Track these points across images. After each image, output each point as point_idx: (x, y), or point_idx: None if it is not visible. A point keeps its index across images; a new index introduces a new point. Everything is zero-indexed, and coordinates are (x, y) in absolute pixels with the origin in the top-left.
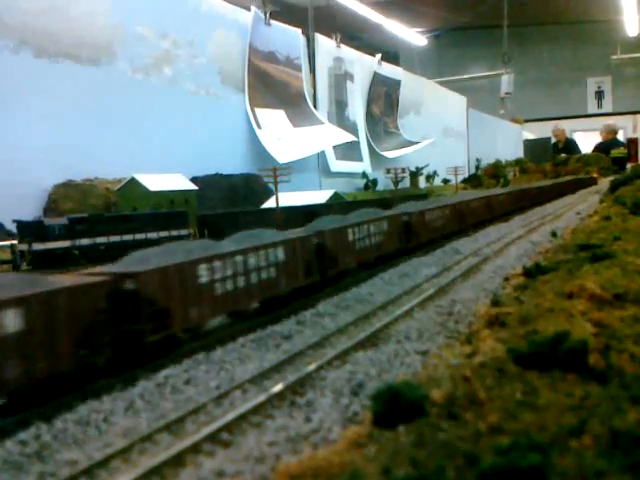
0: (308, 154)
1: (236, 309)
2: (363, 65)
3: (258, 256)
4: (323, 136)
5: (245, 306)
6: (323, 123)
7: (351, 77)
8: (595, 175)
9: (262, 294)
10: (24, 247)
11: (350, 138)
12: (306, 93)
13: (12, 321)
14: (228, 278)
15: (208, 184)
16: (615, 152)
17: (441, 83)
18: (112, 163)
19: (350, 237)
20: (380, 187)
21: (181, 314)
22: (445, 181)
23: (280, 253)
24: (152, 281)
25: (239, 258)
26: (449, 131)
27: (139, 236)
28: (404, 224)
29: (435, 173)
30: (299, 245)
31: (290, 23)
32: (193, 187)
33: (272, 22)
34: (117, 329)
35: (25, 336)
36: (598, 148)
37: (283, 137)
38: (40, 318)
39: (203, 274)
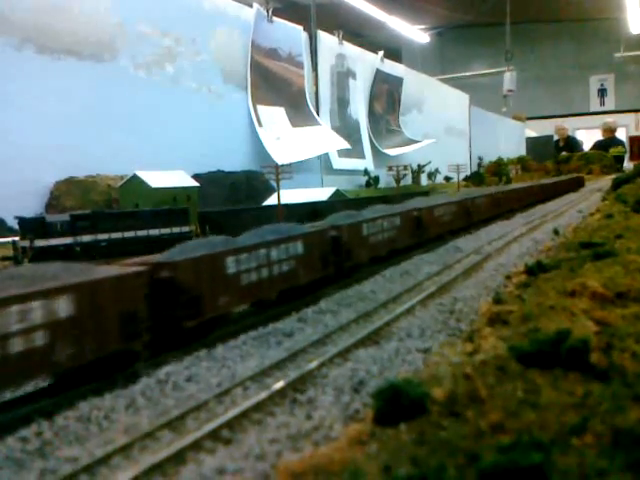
0: (305, 157)
1: (260, 298)
2: (365, 62)
3: (279, 249)
4: (320, 140)
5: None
6: (320, 124)
7: (353, 74)
8: (583, 174)
9: (282, 285)
10: (26, 243)
11: (345, 145)
12: (306, 91)
13: (64, 307)
14: (253, 270)
15: (210, 181)
16: (613, 150)
17: (443, 80)
18: (114, 160)
19: (364, 232)
20: (382, 184)
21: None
22: (447, 179)
23: (299, 247)
24: (186, 270)
25: (262, 251)
26: (451, 129)
27: (141, 233)
28: (415, 219)
29: (437, 171)
30: (317, 239)
31: (292, 20)
32: (195, 184)
33: (274, 19)
34: (156, 315)
35: (75, 321)
36: (596, 146)
37: (282, 137)
38: (88, 305)
39: (230, 265)
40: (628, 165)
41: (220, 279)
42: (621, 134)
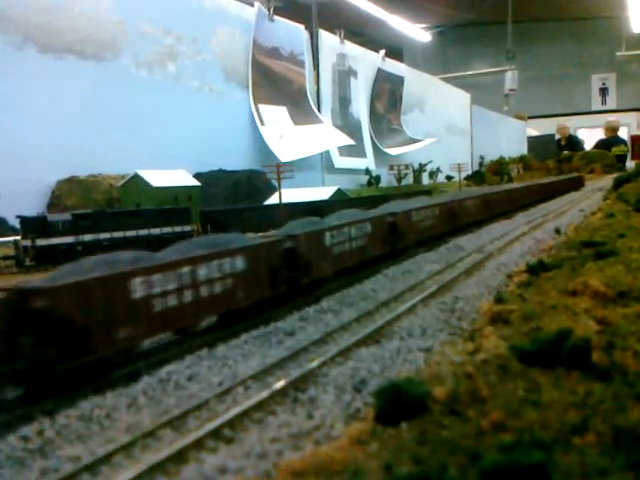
0: (308, 154)
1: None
2: (367, 61)
3: (210, 266)
4: (323, 137)
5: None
6: (322, 122)
7: (355, 73)
8: (584, 174)
9: (216, 308)
10: (27, 243)
11: (348, 141)
12: (308, 90)
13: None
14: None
15: (211, 180)
16: (616, 149)
17: (445, 79)
18: (115, 159)
19: (327, 241)
20: (383, 183)
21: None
22: (448, 178)
23: (239, 262)
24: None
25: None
26: (453, 128)
27: (142, 232)
28: (389, 225)
29: (438, 170)
30: (264, 252)
31: (293, 19)
32: (196, 183)
33: (276, 18)
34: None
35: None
36: (599, 145)
37: (284, 135)
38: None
39: (138, 289)
40: (630, 164)
41: (118, 305)
42: (623, 133)
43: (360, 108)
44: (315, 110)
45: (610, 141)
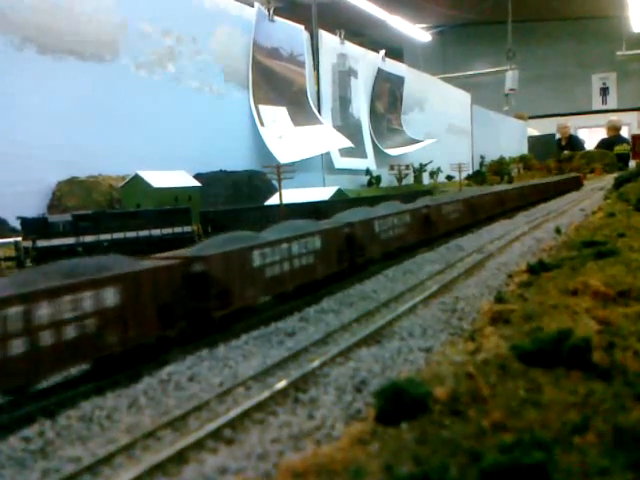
0: (308, 156)
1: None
2: (367, 61)
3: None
4: (322, 138)
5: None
6: (322, 123)
7: (355, 74)
8: (583, 174)
9: None
10: (28, 244)
11: (347, 144)
12: (308, 91)
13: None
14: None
15: (211, 181)
16: (618, 148)
17: (445, 79)
18: (116, 160)
19: (255, 262)
20: (384, 184)
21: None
22: (449, 178)
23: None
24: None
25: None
26: (453, 128)
27: (142, 233)
28: (346, 237)
29: (439, 170)
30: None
31: (294, 19)
32: (196, 184)
33: (276, 18)
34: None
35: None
36: (602, 144)
37: (284, 136)
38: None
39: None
40: (632, 163)
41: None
42: (623, 132)
43: (360, 108)
44: (315, 111)
45: (612, 140)
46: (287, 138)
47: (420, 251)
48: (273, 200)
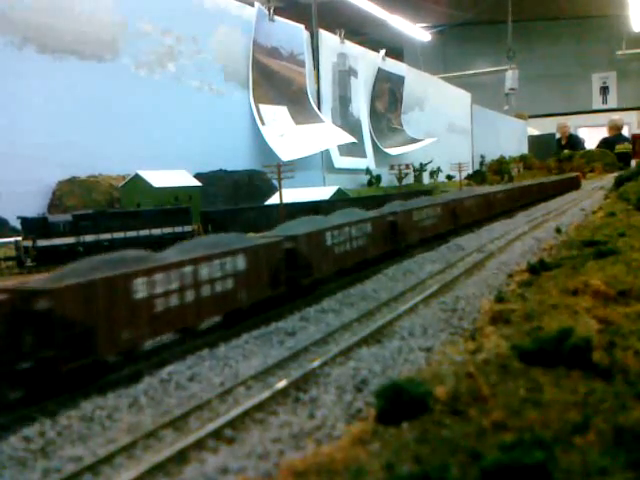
0: (310, 153)
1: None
2: (367, 61)
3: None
4: (324, 135)
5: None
6: (324, 121)
7: (355, 73)
8: (580, 173)
9: None
10: (28, 243)
11: (350, 139)
12: (308, 90)
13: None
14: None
15: (212, 180)
16: (620, 148)
17: (445, 79)
18: (116, 159)
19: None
20: (384, 183)
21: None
22: (449, 177)
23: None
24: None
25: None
26: (453, 127)
27: (143, 232)
28: (286, 253)
29: (439, 169)
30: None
31: (294, 19)
32: (197, 183)
33: (276, 18)
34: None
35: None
36: (603, 143)
37: (285, 134)
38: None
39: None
40: (633, 163)
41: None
42: (623, 132)
43: (360, 108)
44: (316, 109)
45: (614, 139)
46: (289, 136)
47: (420, 251)
48: (273, 200)
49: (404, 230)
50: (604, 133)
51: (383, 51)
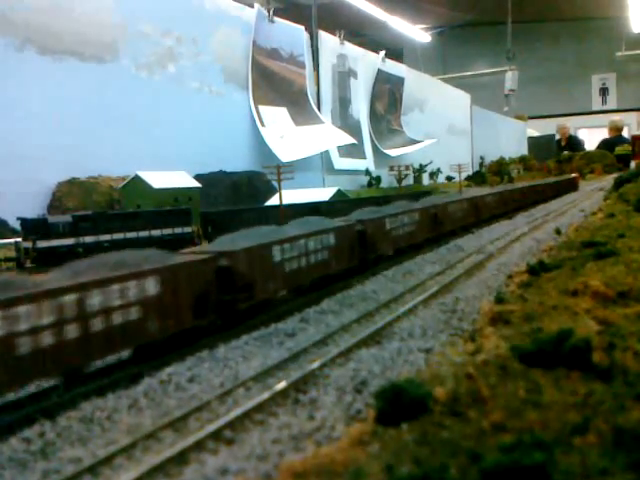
0: (310, 154)
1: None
2: (367, 62)
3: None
4: (324, 136)
5: None
6: (324, 122)
7: (355, 74)
8: (579, 173)
9: None
10: (28, 244)
11: (350, 140)
12: (308, 91)
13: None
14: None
15: (211, 181)
16: (619, 149)
17: (445, 80)
18: (116, 160)
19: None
20: (384, 184)
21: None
22: (449, 178)
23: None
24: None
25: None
26: (453, 128)
27: (143, 234)
28: (219, 272)
29: (439, 170)
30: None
31: (293, 20)
32: (196, 184)
33: (275, 19)
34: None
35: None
36: (603, 145)
37: (285, 135)
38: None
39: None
40: (632, 165)
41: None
42: (623, 133)
43: (360, 109)
44: (316, 110)
45: (614, 141)
46: (288, 137)
47: (419, 252)
48: (273, 201)
49: (374, 240)
50: (604, 134)
51: (383, 52)
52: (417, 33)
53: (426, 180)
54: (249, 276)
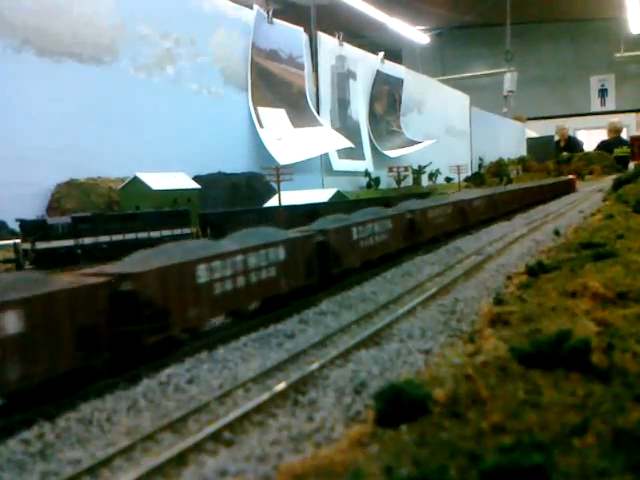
0: (308, 157)
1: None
2: (366, 63)
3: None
4: (322, 139)
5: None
6: (322, 125)
7: (354, 75)
8: (575, 176)
9: None
10: (27, 246)
11: (348, 144)
12: (307, 93)
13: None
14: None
15: (210, 183)
16: (618, 151)
17: (444, 81)
18: (115, 162)
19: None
20: (383, 186)
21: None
22: (448, 179)
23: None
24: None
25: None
26: (452, 130)
27: (142, 235)
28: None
29: (438, 171)
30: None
31: (293, 22)
32: (195, 186)
33: (274, 20)
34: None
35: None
36: (601, 146)
37: (283, 137)
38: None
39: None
40: (631, 166)
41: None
42: (622, 134)
43: (359, 110)
44: (314, 112)
45: (612, 142)
46: (286, 140)
47: (419, 253)
48: (272, 202)
49: (339, 253)
50: (603, 135)
51: (382, 54)
52: (416, 34)
53: (425, 181)
54: (161, 302)
